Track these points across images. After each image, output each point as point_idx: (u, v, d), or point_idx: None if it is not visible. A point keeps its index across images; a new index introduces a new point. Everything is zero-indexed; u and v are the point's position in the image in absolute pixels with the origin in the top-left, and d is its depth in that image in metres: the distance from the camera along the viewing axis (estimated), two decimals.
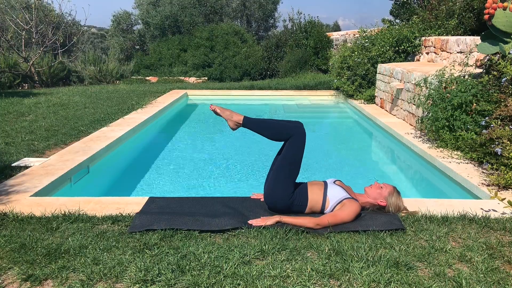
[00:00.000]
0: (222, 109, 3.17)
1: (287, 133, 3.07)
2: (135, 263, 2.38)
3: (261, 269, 2.32)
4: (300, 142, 3.06)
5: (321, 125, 8.87)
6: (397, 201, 3.12)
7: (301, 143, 3.06)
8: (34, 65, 13.87)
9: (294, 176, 3.09)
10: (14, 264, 2.40)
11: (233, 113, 3.15)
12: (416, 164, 5.35)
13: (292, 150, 3.07)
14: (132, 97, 9.50)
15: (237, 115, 3.13)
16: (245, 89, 11.58)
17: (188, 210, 3.16)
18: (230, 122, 3.15)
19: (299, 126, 3.10)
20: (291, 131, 3.06)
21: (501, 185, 3.72)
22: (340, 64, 10.16)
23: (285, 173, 3.05)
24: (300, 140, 3.06)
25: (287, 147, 3.09)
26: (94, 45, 24.74)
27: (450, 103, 4.88)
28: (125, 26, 21.70)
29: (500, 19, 4.40)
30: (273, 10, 22.48)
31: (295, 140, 3.05)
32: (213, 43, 17.64)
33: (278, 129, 3.12)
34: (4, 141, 5.31)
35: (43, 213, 3.14)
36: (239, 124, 3.14)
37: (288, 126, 3.11)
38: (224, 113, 3.16)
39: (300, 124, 3.14)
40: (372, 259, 2.42)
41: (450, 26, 8.95)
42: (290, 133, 3.05)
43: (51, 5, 16.77)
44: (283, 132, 3.08)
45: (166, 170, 5.45)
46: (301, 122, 3.15)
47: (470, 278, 2.26)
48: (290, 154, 3.06)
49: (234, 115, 3.14)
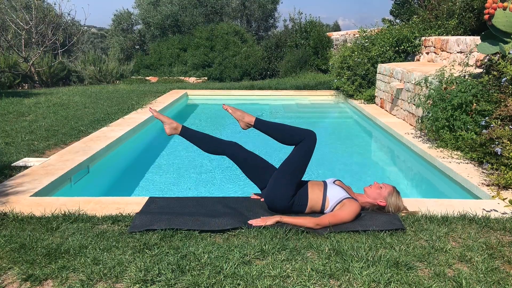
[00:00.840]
0: (234, 109, 3.22)
1: (298, 137, 3.08)
2: (135, 263, 2.38)
3: (261, 269, 2.32)
4: (309, 148, 3.07)
5: (321, 125, 8.86)
6: (397, 201, 3.12)
7: (310, 149, 3.07)
8: (34, 65, 13.87)
9: (297, 180, 3.09)
10: (14, 264, 2.40)
11: (244, 113, 3.19)
12: (416, 164, 5.35)
13: (300, 154, 3.08)
14: (132, 97, 9.50)
15: (249, 116, 3.18)
16: (245, 89, 11.58)
17: (188, 210, 3.16)
18: (242, 122, 3.19)
19: (311, 133, 3.11)
20: (303, 136, 3.08)
21: (501, 185, 3.72)
22: (340, 64, 10.16)
23: (288, 176, 3.05)
24: (310, 146, 3.07)
25: (295, 150, 3.10)
26: (94, 45, 24.75)
27: (450, 103, 4.88)
28: (125, 25, 21.71)
29: (500, 19, 4.40)
30: (273, 10, 22.49)
31: (304, 145, 3.06)
32: (213, 43, 17.65)
33: (290, 132, 3.15)
34: (4, 141, 5.31)
35: (43, 213, 3.14)
36: (250, 125, 3.18)
37: (300, 131, 3.13)
38: (236, 114, 3.20)
39: (313, 132, 3.14)
40: (372, 259, 2.42)
41: (450, 26, 8.95)
42: (301, 138, 3.07)
43: (51, 5, 16.75)
44: (295, 135, 3.10)
45: (166, 170, 5.46)
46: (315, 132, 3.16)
47: (470, 278, 2.26)
48: (297, 158, 3.07)
49: (246, 116, 3.18)
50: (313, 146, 3.08)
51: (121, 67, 16.01)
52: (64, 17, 17.38)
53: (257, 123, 3.17)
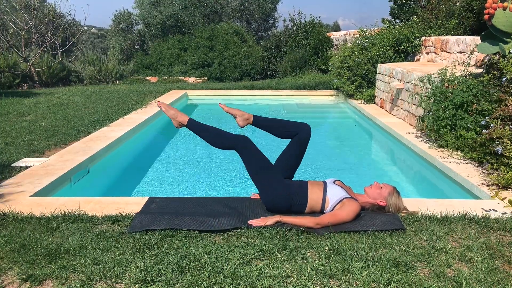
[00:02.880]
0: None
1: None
2: (135, 263, 2.38)
3: (261, 269, 2.31)
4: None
5: (321, 125, 8.86)
6: (397, 201, 3.12)
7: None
8: (34, 65, 13.87)
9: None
10: (14, 264, 2.40)
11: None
12: (416, 164, 5.34)
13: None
14: (132, 97, 9.50)
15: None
16: (245, 89, 11.58)
17: (188, 210, 3.16)
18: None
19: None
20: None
21: (501, 185, 3.72)
22: (340, 64, 10.16)
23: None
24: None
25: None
26: (94, 45, 24.74)
27: (452, 101, 4.87)
28: (125, 26, 21.72)
29: (500, 19, 4.40)
30: (273, 10, 22.50)
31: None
32: (213, 43, 17.65)
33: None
34: (4, 141, 5.31)
35: (43, 213, 3.13)
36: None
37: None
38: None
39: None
40: (372, 259, 2.42)
41: (450, 26, 8.95)
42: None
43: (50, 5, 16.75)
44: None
45: (166, 170, 5.46)
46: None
47: (470, 278, 2.26)
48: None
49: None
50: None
51: (121, 67, 16.01)
52: (64, 17, 17.40)
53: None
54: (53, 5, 17.03)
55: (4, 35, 13.94)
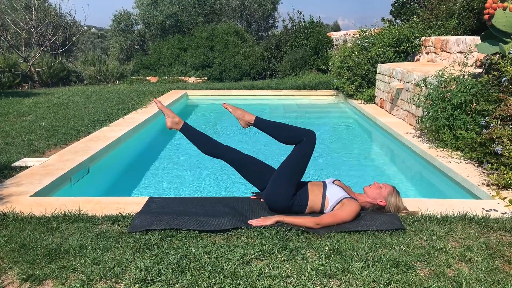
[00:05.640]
0: (234, 108, 3.25)
1: (298, 136, 3.09)
2: (135, 263, 2.38)
3: (261, 269, 2.32)
4: (309, 147, 3.07)
5: (321, 125, 8.86)
6: (397, 201, 3.12)
7: (310, 149, 3.08)
8: (34, 65, 13.87)
9: (296, 179, 3.10)
10: (14, 264, 2.40)
11: (245, 112, 3.23)
12: (416, 164, 5.35)
13: (300, 154, 3.08)
14: (132, 97, 9.50)
15: (249, 114, 3.22)
16: (245, 89, 11.58)
17: (188, 210, 3.16)
18: (242, 121, 3.23)
19: (311, 132, 3.12)
20: (303, 136, 3.08)
21: (501, 185, 3.72)
22: (340, 64, 10.16)
23: (288, 176, 3.06)
24: (309, 146, 3.07)
25: (295, 150, 3.11)
26: (94, 45, 24.75)
27: (450, 102, 4.88)
28: (125, 26, 21.72)
29: (500, 19, 4.40)
30: (273, 10, 22.49)
31: (304, 145, 3.07)
32: (213, 43, 17.65)
33: (290, 131, 3.16)
34: (4, 141, 5.31)
35: (43, 213, 3.14)
36: (250, 123, 3.21)
37: (300, 130, 3.14)
38: (236, 112, 3.24)
39: (313, 132, 3.14)
40: (372, 259, 2.42)
41: (450, 26, 8.95)
42: (301, 137, 3.08)
43: (51, 5, 16.75)
44: (295, 135, 3.11)
45: (166, 170, 5.46)
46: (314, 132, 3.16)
47: (470, 278, 2.26)
48: (296, 158, 3.08)
49: (246, 114, 3.22)
50: (313, 146, 3.08)
51: (121, 67, 16.01)
52: (65, 17, 17.41)
53: (257, 121, 3.20)
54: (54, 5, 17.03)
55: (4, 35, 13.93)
